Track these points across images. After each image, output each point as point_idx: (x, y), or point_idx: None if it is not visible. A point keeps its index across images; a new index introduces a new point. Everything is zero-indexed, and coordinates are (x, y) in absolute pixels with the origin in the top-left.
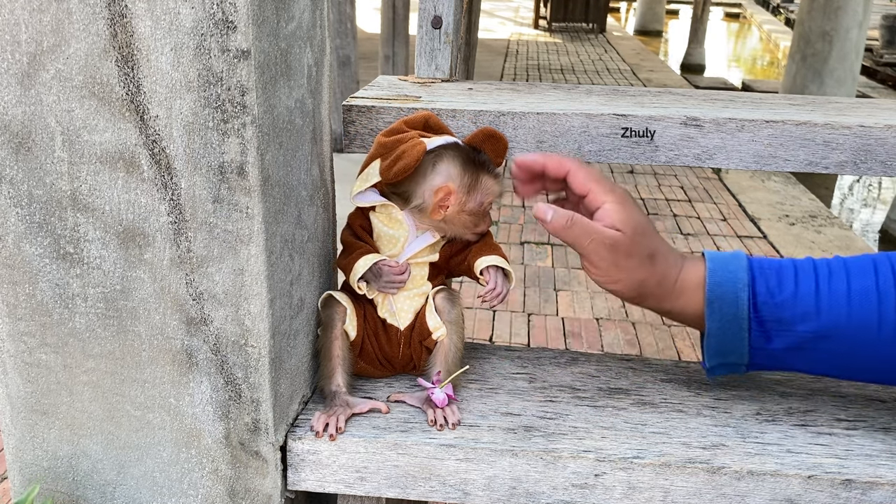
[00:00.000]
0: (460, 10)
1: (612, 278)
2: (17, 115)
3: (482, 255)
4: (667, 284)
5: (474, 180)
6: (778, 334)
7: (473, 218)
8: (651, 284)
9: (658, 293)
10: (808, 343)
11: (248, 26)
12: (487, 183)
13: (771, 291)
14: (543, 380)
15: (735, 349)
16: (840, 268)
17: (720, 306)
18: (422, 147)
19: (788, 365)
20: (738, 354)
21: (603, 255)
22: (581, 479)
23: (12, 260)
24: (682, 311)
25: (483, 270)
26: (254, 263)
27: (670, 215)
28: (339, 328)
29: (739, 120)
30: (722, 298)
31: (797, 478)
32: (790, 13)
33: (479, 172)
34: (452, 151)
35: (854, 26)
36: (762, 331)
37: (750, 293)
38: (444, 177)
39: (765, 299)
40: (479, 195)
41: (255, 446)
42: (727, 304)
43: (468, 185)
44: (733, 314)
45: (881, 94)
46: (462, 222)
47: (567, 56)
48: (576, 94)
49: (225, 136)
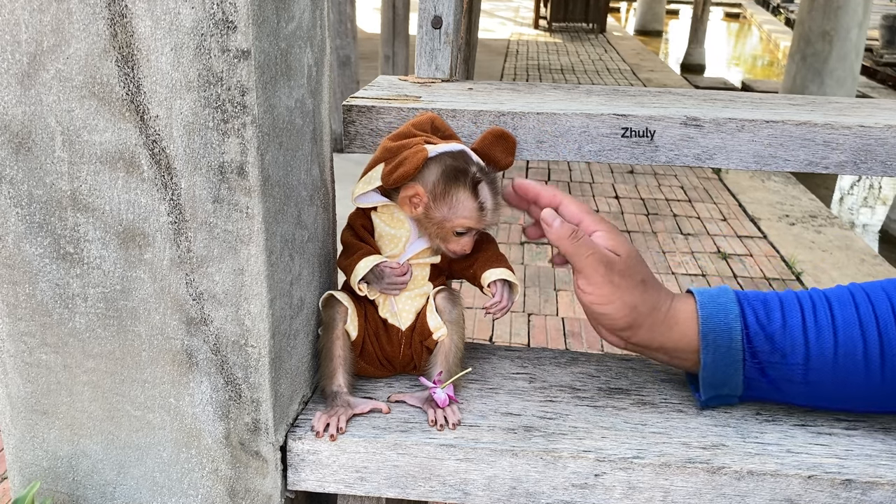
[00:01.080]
0: (460, 10)
1: (606, 298)
2: (17, 115)
3: (490, 268)
4: (658, 314)
5: (447, 190)
6: (771, 366)
7: (440, 231)
8: (643, 311)
9: (650, 322)
10: (799, 374)
11: (249, 26)
12: (462, 198)
13: (761, 323)
14: (543, 380)
15: (729, 381)
16: (821, 299)
17: (714, 339)
18: (423, 154)
19: (781, 396)
20: (733, 386)
21: (600, 272)
22: (581, 479)
23: (12, 260)
24: (676, 345)
25: (490, 284)
26: (254, 263)
27: (670, 215)
28: (340, 328)
29: (739, 120)
30: (715, 331)
31: (797, 478)
32: (790, 13)
33: (456, 186)
34: (446, 159)
35: (854, 26)
36: (755, 362)
37: (742, 325)
38: (420, 179)
39: (756, 330)
40: (448, 208)
41: (255, 446)
42: (721, 336)
43: (438, 193)
44: (727, 346)
45: (881, 94)
46: (432, 231)
47: (567, 56)
48: (576, 94)
49: (225, 136)
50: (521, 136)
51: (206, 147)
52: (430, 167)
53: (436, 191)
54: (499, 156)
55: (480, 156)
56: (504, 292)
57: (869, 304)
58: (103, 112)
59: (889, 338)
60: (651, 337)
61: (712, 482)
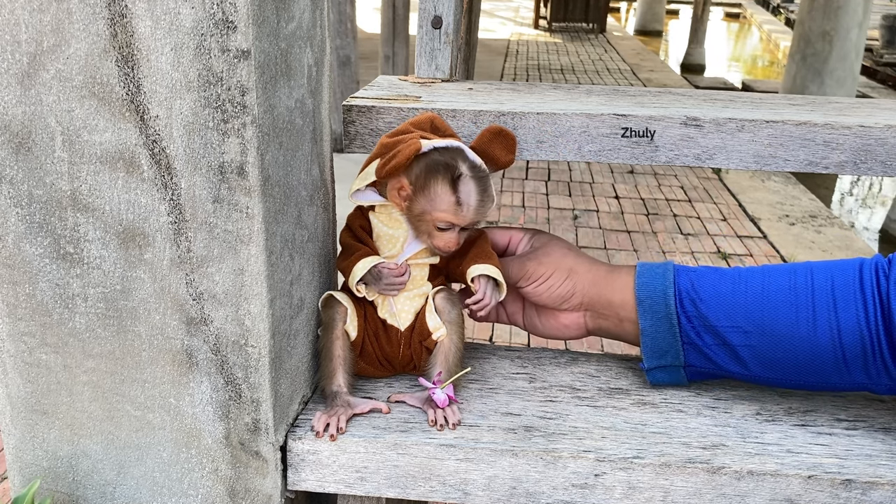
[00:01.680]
0: (460, 10)
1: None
2: (17, 115)
3: (475, 263)
4: (598, 270)
5: (426, 183)
6: (705, 329)
7: (422, 225)
8: (581, 270)
9: (591, 278)
10: (734, 339)
11: (249, 26)
12: (441, 192)
13: (695, 288)
14: (543, 380)
15: (669, 347)
16: (759, 271)
17: (651, 304)
18: (415, 146)
19: (722, 366)
20: (674, 353)
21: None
22: (581, 479)
23: (12, 260)
24: (622, 300)
25: (474, 279)
26: (254, 263)
27: (670, 215)
28: (339, 328)
29: (739, 120)
30: (651, 297)
31: (797, 478)
32: (790, 13)
33: (435, 179)
34: (435, 153)
35: (854, 26)
36: (691, 326)
37: (675, 290)
38: (408, 170)
39: (689, 295)
40: (427, 201)
41: (255, 446)
42: (657, 301)
43: (421, 186)
44: (664, 312)
45: (881, 94)
46: (416, 225)
47: (567, 56)
48: (576, 94)
49: (225, 136)
50: (521, 135)
51: (206, 147)
52: (419, 161)
53: (417, 183)
54: (498, 153)
55: (480, 154)
56: (487, 289)
57: (809, 275)
58: (103, 112)
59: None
60: (598, 292)
61: (712, 482)
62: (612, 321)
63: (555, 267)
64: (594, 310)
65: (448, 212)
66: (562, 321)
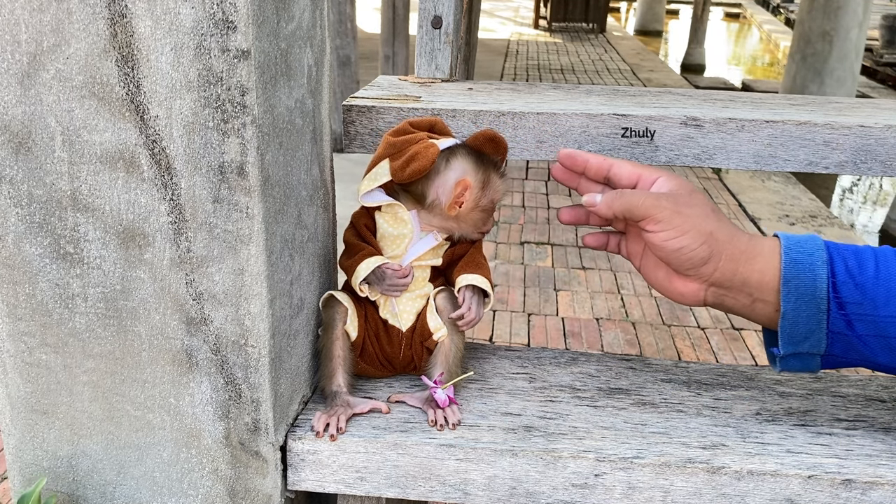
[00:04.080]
0: (460, 10)
1: (679, 229)
2: (17, 115)
3: (465, 272)
4: (738, 243)
5: (487, 177)
6: (860, 318)
7: (484, 215)
8: (721, 237)
9: (730, 251)
10: (893, 329)
11: (248, 26)
12: (496, 181)
13: (850, 272)
14: (543, 380)
15: (812, 334)
16: None
17: (797, 285)
18: (435, 149)
19: (869, 357)
20: (816, 341)
21: (665, 206)
22: (581, 479)
23: (12, 260)
24: (760, 280)
25: (461, 289)
26: (254, 263)
27: None
28: (340, 328)
29: (739, 120)
30: (799, 277)
31: (797, 478)
32: (790, 13)
33: (490, 170)
34: (464, 150)
35: (854, 26)
36: (842, 314)
37: (828, 272)
38: (461, 172)
39: (844, 279)
40: (491, 192)
41: (255, 446)
42: (804, 283)
43: (483, 181)
44: (811, 294)
45: (881, 94)
46: (473, 220)
47: (567, 56)
48: (576, 94)
49: (225, 136)
50: (521, 136)
51: (206, 147)
52: (458, 162)
53: (481, 179)
54: (489, 155)
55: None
56: (473, 303)
57: None
58: (103, 112)
59: None
60: (734, 269)
61: (712, 482)
62: (743, 300)
63: (692, 225)
64: (723, 287)
65: (501, 191)
66: (677, 287)
